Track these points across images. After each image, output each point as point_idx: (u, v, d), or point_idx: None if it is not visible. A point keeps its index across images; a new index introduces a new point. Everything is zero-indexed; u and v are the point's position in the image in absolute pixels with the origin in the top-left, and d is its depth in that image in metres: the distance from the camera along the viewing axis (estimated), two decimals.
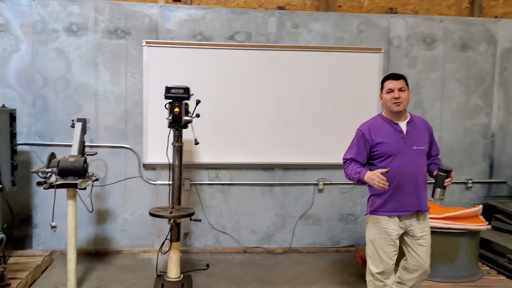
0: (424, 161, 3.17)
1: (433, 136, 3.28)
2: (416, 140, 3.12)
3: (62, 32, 4.75)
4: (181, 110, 3.79)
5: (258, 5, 5.14)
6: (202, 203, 5.03)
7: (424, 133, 3.19)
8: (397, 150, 3.07)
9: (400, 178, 3.05)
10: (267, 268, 4.66)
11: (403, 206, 3.10)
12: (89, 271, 4.42)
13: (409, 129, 3.13)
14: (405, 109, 3.16)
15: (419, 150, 3.12)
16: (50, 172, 3.53)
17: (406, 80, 3.16)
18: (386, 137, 3.11)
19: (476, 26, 5.21)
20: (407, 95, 3.12)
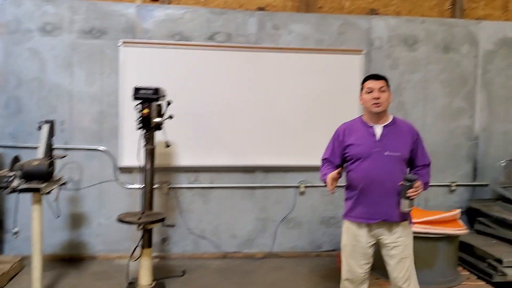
0: (398, 168, 2.91)
1: (419, 143, 3.01)
2: (390, 145, 2.92)
3: (36, 32, 4.64)
4: (151, 112, 3.67)
5: (238, 6, 5.05)
6: (180, 207, 4.92)
7: (403, 139, 2.96)
8: (366, 154, 2.93)
9: (366, 184, 2.92)
10: (245, 273, 4.56)
11: (369, 213, 2.94)
12: (60, 277, 4.29)
13: (385, 133, 2.95)
14: (385, 111, 3.00)
15: (392, 157, 2.90)
16: (13, 176, 3.40)
17: (387, 81, 3.02)
18: (357, 139, 2.99)
19: (458, 28, 5.16)
20: (387, 96, 2.97)
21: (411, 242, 3.01)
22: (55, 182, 3.73)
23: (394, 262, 2.96)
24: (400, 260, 2.94)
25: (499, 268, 4.14)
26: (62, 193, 4.67)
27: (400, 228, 2.95)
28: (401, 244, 2.95)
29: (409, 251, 2.98)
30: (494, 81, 5.26)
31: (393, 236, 2.95)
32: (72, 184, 4.77)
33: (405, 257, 2.95)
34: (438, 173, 5.23)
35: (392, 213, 2.90)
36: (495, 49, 5.24)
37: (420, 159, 3.02)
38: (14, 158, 3.59)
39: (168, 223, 4.55)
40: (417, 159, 3.01)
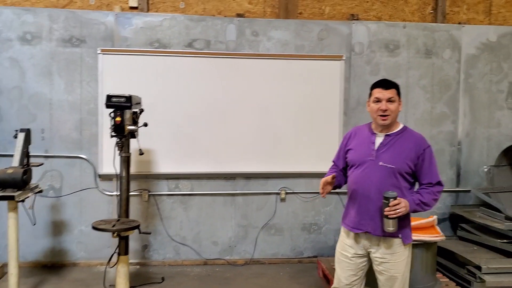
0: (390, 181, 2.74)
1: (425, 160, 2.77)
2: (386, 156, 2.78)
3: (16, 41, 4.67)
4: (123, 119, 3.68)
5: (217, 13, 5.06)
6: (161, 215, 4.92)
7: (404, 152, 2.76)
8: (361, 161, 2.84)
9: (355, 191, 2.86)
10: (225, 280, 4.55)
11: (355, 222, 2.86)
12: (40, 284, 4.31)
13: (385, 143, 2.80)
14: (394, 120, 2.83)
15: (386, 168, 2.75)
16: None
17: (398, 89, 2.83)
18: (357, 145, 2.92)
19: (439, 32, 5.14)
20: (396, 107, 2.79)
21: (405, 261, 2.83)
22: (31, 190, 3.75)
23: (383, 278, 2.85)
24: (389, 278, 2.82)
25: (478, 275, 4.11)
26: (43, 200, 4.72)
27: (389, 244, 2.80)
28: (389, 261, 2.81)
29: (400, 270, 2.81)
30: (477, 86, 5.23)
31: (380, 251, 2.82)
32: (53, 191, 4.79)
33: (394, 276, 2.81)
34: None
35: (375, 226, 2.77)
36: (478, 53, 5.22)
37: (425, 177, 2.80)
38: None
39: (144, 230, 4.55)
40: (421, 176, 2.80)
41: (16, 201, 3.50)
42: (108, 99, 3.71)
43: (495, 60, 5.23)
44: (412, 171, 2.78)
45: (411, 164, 2.76)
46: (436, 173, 2.82)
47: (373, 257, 2.86)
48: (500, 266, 4.12)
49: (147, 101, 4.52)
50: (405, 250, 2.83)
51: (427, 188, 2.80)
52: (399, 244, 2.81)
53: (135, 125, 3.93)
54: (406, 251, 2.84)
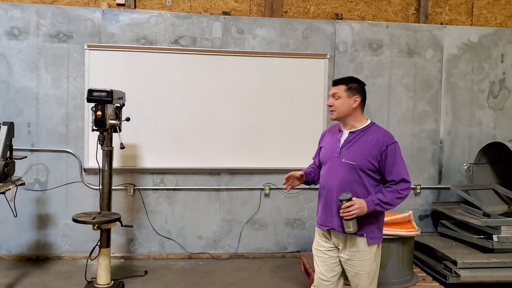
0: (353, 178, 2.75)
1: (389, 157, 2.72)
2: (349, 153, 2.78)
3: (3, 35, 4.73)
4: (104, 114, 3.74)
5: (203, 10, 5.13)
6: (146, 209, 4.99)
7: (367, 149, 2.74)
8: (328, 158, 2.89)
9: (322, 188, 2.90)
10: (207, 274, 4.62)
11: (322, 219, 2.89)
12: (23, 277, 4.37)
13: (349, 140, 2.81)
14: (348, 117, 2.83)
15: (348, 165, 2.75)
16: None
17: (349, 84, 2.82)
18: (327, 142, 2.98)
19: (422, 32, 5.23)
20: (341, 103, 2.80)
21: (371, 259, 2.81)
22: (13, 183, 3.80)
23: (349, 275, 2.86)
24: (355, 275, 2.82)
25: (453, 270, 4.20)
26: (29, 194, 4.79)
27: (354, 242, 2.79)
28: (355, 258, 2.80)
29: (365, 268, 2.80)
30: (459, 85, 5.32)
31: (346, 248, 2.82)
32: (38, 185, 4.85)
33: (359, 273, 2.81)
34: None
35: (339, 223, 2.77)
36: (460, 53, 5.31)
37: (388, 174, 2.74)
38: None
39: (129, 224, 4.62)
40: (385, 173, 2.75)
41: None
42: (89, 94, 3.76)
43: (476, 60, 5.32)
44: (376, 168, 2.75)
45: (373, 160, 2.73)
46: (400, 171, 2.74)
47: (340, 254, 2.87)
48: (475, 261, 4.20)
49: (133, 96, 4.60)
50: (371, 249, 2.80)
51: (391, 186, 2.74)
52: (364, 242, 2.78)
53: (117, 120, 3.99)
54: (372, 249, 2.80)
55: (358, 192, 2.74)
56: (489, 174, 5.15)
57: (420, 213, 5.37)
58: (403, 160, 2.79)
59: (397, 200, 2.74)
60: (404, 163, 2.79)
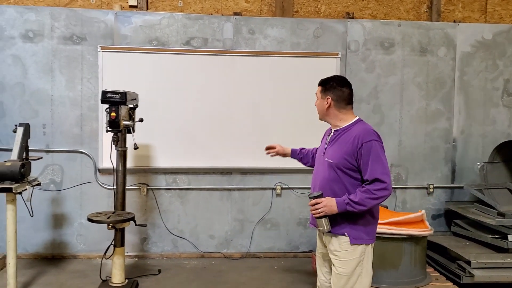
0: (331, 176, 2.73)
1: (364, 155, 2.64)
2: (330, 151, 2.79)
3: (18, 38, 4.81)
4: (118, 115, 3.79)
5: (215, 11, 5.16)
6: (159, 208, 5.04)
7: (344, 147, 2.71)
8: (318, 157, 2.95)
9: (312, 186, 2.94)
10: (219, 273, 4.65)
11: (311, 217, 2.85)
12: (39, 275, 4.45)
13: (332, 138, 2.84)
14: (326, 117, 2.87)
15: (328, 163, 2.75)
16: None
17: (324, 85, 2.86)
18: (322, 142, 3.03)
19: (434, 30, 5.19)
20: (317, 104, 2.90)
21: (355, 262, 2.70)
22: (29, 183, 3.87)
23: (333, 273, 2.79)
24: (336, 275, 2.75)
25: (467, 269, 4.17)
26: (44, 194, 4.87)
27: (338, 241, 2.74)
28: (337, 258, 2.74)
29: (347, 270, 2.71)
30: (472, 84, 5.27)
31: (331, 247, 2.78)
32: (54, 185, 4.92)
33: (340, 274, 2.73)
34: (416, 175, 5.28)
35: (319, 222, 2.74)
36: (473, 51, 5.26)
37: (364, 173, 2.66)
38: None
39: (143, 223, 4.67)
40: (361, 171, 2.68)
41: (14, 193, 3.63)
42: (103, 95, 3.82)
43: (490, 58, 5.27)
44: (355, 167, 2.69)
45: (349, 159, 2.68)
46: (375, 170, 2.61)
47: (329, 254, 2.82)
48: (490, 261, 4.17)
49: (146, 97, 4.65)
50: (355, 250, 2.70)
51: (364, 186, 2.65)
52: (346, 242, 2.70)
53: (131, 121, 4.04)
54: (356, 250, 2.70)
55: (337, 191, 2.71)
56: (503, 173, 5.10)
57: (433, 212, 5.34)
58: (381, 159, 2.64)
59: (370, 201, 2.60)
60: (383, 162, 2.64)
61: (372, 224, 2.77)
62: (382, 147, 2.69)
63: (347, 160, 2.69)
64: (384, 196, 2.62)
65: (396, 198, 5.25)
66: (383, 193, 2.61)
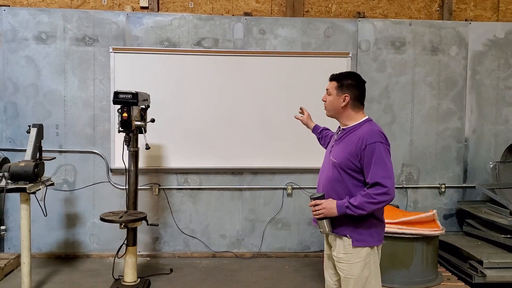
0: (335, 176, 2.68)
1: (367, 156, 2.56)
2: (335, 151, 2.73)
3: (31, 40, 4.87)
4: (130, 115, 3.83)
5: (225, 12, 5.18)
6: (171, 208, 5.07)
7: (349, 147, 2.64)
8: (325, 155, 2.90)
9: (318, 184, 2.89)
10: (231, 272, 4.68)
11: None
12: (53, 274, 4.50)
13: (339, 137, 2.78)
14: (339, 115, 2.78)
15: (332, 162, 2.70)
16: (0, 177, 3.61)
17: (341, 82, 2.73)
18: (331, 139, 2.97)
19: (446, 29, 5.17)
20: (330, 101, 2.76)
21: (360, 264, 2.64)
22: (43, 183, 3.92)
23: (341, 277, 2.75)
24: (343, 279, 2.71)
25: (479, 269, 4.15)
26: (58, 194, 4.92)
27: (340, 242, 2.69)
28: (342, 261, 2.69)
29: (353, 273, 2.65)
30: (484, 83, 5.24)
31: (336, 249, 2.73)
32: (67, 185, 4.98)
33: (347, 277, 2.68)
34: (427, 175, 5.26)
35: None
36: (485, 50, 5.22)
37: (366, 175, 2.59)
38: (2, 160, 3.80)
39: (155, 222, 4.70)
40: (365, 174, 2.61)
41: (28, 193, 3.68)
42: (115, 96, 3.86)
43: (502, 57, 5.23)
44: (358, 168, 2.62)
45: (353, 159, 2.61)
46: (376, 173, 2.53)
47: (333, 254, 2.78)
48: (502, 261, 4.15)
49: (157, 98, 4.68)
50: (358, 252, 2.63)
51: (366, 189, 2.57)
52: (349, 244, 2.64)
53: (143, 121, 4.07)
54: (360, 253, 2.63)
55: (340, 191, 2.66)
56: None
57: (445, 212, 5.31)
58: (385, 162, 2.54)
59: (369, 205, 2.52)
60: (386, 166, 2.54)
61: (376, 226, 2.68)
62: (387, 149, 2.61)
63: (350, 161, 2.62)
64: (385, 201, 2.54)
65: (408, 197, 5.24)
66: (383, 197, 2.52)
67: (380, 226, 2.72)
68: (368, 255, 2.65)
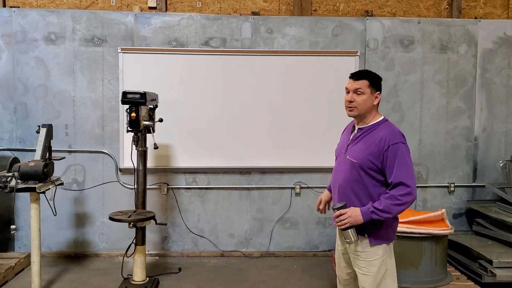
0: (353, 176, 2.67)
1: (389, 157, 2.58)
2: (353, 150, 2.72)
3: (41, 41, 4.91)
4: (138, 115, 3.85)
5: (233, 11, 5.19)
6: (179, 207, 5.09)
7: (370, 147, 2.64)
8: (338, 153, 2.89)
9: (332, 183, 2.91)
10: (239, 271, 4.68)
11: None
12: (62, 273, 4.54)
13: (356, 136, 2.75)
14: (369, 113, 2.73)
15: (350, 162, 2.69)
16: (10, 177, 3.65)
17: (371, 80, 2.70)
18: (342, 138, 2.97)
19: (455, 27, 5.13)
20: (364, 99, 2.67)
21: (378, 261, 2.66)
22: (52, 182, 3.95)
23: (358, 274, 2.75)
24: (361, 276, 2.72)
25: (489, 269, 4.12)
26: (67, 193, 4.96)
27: (362, 245, 2.68)
28: (360, 258, 2.70)
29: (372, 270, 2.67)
30: (494, 81, 5.19)
31: (351, 247, 2.73)
32: (76, 185, 5.02)
33: (365, 274, 2.69)
34: (436, 174, 5.23)
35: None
36: (495, 47, 5.18)
37: (389, 176, 2.59)
38: (12, 160, 3.84)
39: (164, 222, 4.72)
40: (386, 174, 2.61)
41: (37, 193, 3.71)
42: (123, 96, 3.88)
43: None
44: (378, 168, 2.63)
45: (374, 160, 2.62)
46: (400, 173, 2.54)
47: (349, 251, 2.79)
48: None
49: (166, 98, 4.70)
50: (376, 250, 2.67)
51: (389, 192, 2.58)
52: (366, 243, 2.67)
53: (151, 121, 4.09)
54: (378, 251, 2.67)
55: (358, 192, 2.66)
56: None
57: (454, 211, 5.28)
58: (407, 162, 2.57)
59: (395, 207, 2.54)
60: (409, 167, 2.57)
61: (392, 224, 2.72)
62: (408, 150, 2.63)
63: (371, 161, 2.62)
64: (409, 201, 2.56)
65: (417, 197, 5.19)
66: (408, 198, 2.54)
67: (396, 224, 2.77)
68: (385, 252, 2.68)
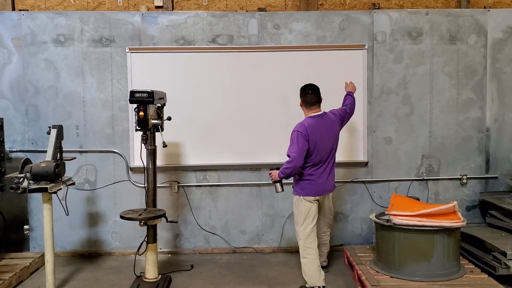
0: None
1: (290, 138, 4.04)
2: None
3: (50, 43, 4.96)
4: (146, 114, 3.87)
5: (239, 8, 5.19)
6: (190, 205, 5.12)
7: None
8: None
9: None
10: (251, 267, 4.70)
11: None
12: (76, 272, 4.59)
13: None
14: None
15: None
16: (22, 177, 3.69)
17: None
18: None
19: (464, 18, 5.07)
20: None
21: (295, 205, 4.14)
22: (63, 182, 3.99)
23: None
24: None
25: (503, 261, 4.07)
26: (79, 193, 5.02)
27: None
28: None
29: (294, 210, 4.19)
30: (505, 71, 5.13)
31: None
32: (88, 184, 5.07)
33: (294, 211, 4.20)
34: (448, 166, 5.18)
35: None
36: (505, 37, 5.11)
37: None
38: (24, 161, 3.89)
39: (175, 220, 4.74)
40: None
41: (49, 193, 3.75)
42: (131, 95, 3.91)
43: None
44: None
45: None
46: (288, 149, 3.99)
47: None
48: None
49: (174, 96, 4.72)
50: (294, 197, 4.14)
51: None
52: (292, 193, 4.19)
53: (159, 119, 4.11)
54: (295, 198, 4.13)
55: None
56: None
57: (467, 203, 5.23)
58: (294, 143, 3.94)
59: (284, 170, 3.99)
60: (294, 145, 3.94)
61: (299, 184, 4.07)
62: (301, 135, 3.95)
63: None
64: (291, 167, 3.94)
65: (429, 190, 5.17)
66: (287, 165, 3.96)
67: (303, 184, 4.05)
68: (297, 200, 4.09)
